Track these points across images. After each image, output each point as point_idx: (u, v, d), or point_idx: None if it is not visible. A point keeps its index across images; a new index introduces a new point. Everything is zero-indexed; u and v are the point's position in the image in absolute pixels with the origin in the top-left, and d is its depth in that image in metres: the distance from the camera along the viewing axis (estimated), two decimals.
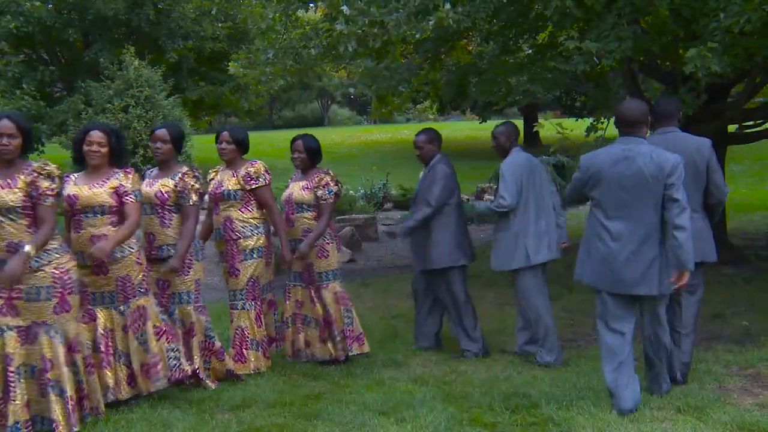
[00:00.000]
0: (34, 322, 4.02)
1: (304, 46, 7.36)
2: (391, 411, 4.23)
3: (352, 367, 5.19)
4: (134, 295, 4.45)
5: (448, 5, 5.68)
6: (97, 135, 4.43)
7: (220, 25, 18.95)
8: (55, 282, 4.05)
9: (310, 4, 7.79)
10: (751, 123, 8.64)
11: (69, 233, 4.46)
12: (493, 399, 4.37)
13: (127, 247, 4.41)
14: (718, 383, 4.61)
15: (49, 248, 4.05)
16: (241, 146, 5.21)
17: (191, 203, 4.78)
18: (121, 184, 4.41)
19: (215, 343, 4.89)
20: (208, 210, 5.38)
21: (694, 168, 4.50)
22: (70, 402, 4.03)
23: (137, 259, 4.47)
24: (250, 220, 5.10)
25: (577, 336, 5.87)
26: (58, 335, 4.06)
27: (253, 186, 5.09)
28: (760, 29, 5.33)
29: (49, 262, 4.05)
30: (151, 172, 5.01)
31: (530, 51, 8.30)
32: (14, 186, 3.99)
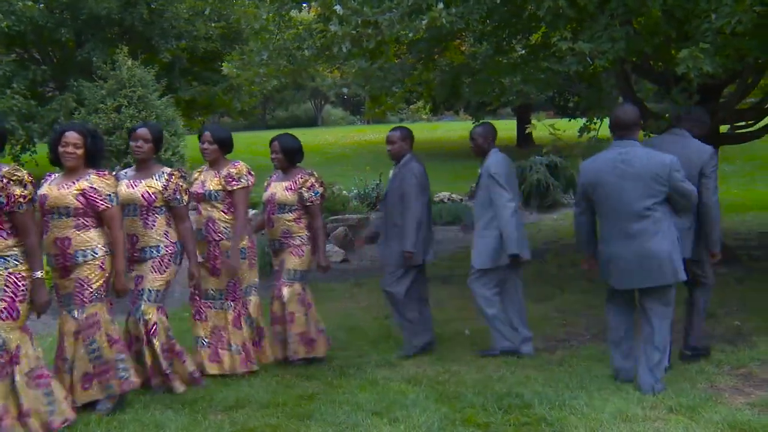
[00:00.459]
0: None
1: (298, 47, 7.34)
2: (384, 411, 4.24)
3: (345, 367, 5.18)
4: (90, 300, 4.26)
5: (441, 5, 5.68)
6: (72, 136, 4.27)
7: (213, 25, 18.93)
8: (7, 286, 3.87)
9: (303, 5, 7.76)
10: (743, 123, 8.67)
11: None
12: (486, 399, 4.38)
13: (90, 252, 4.25)
14: (710, 383, 4.63)
15: (9, 254, 3.89)
16: (223, 146, 5.15)
17: (183, 204, 4.74)
18: (91, 186, 4.25)
19: (176, 345, 4.76)
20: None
21: (687, 172, 4.62)
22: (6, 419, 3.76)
23: (101, 264, 4.29)
24: (233, 221, 5.05)
25: (569, 336, 5.88)
26: None
27: (234, 187, 5.03)
28: (752, 30, 5.36)
29: (6, 268, 3.87)
30: (126, 173, 4.88)
31: (523, 51, 8.30)
32: None
